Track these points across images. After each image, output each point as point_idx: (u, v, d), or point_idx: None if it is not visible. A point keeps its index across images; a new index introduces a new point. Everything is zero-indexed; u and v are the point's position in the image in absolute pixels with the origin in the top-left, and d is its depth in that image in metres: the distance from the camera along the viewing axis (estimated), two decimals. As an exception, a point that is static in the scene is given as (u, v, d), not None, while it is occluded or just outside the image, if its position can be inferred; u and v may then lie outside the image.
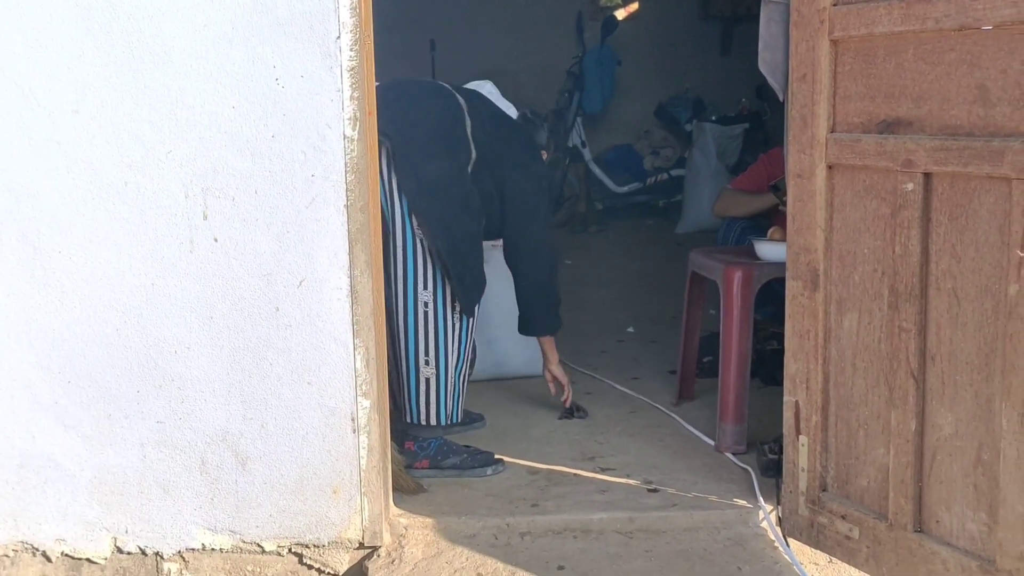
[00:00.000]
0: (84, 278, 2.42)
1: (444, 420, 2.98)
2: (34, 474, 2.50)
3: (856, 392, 2.34)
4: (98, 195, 2.40)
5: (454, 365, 2.97)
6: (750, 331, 3.11)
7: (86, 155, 2.38)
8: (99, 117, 2.37)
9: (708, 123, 7.39)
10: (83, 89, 2.36)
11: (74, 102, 2.36)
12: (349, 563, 2.58)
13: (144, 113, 2.37)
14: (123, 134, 2.37)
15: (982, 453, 2.06)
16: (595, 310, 5.03)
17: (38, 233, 2.41)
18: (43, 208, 2.40)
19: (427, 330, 2.93)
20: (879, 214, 2.24)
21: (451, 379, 2.97)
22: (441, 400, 2.97)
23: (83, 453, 2.49)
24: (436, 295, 2.91)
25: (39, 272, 2.42)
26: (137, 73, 2.35)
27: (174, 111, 2.37)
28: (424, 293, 2.91)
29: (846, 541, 2.39)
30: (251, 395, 2.48)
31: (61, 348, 2.45)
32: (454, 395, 3.00)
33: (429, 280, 2.91)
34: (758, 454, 2.95)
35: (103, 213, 2.40)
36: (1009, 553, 2.01)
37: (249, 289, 2.44)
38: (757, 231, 3.78)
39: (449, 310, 2.93)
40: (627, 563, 2.48)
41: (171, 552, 2.55)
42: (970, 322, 2.06)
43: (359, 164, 2.41)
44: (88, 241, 2.41)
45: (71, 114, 2.36)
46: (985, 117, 1.99)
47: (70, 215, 2.40)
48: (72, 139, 2.37)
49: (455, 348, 2.96)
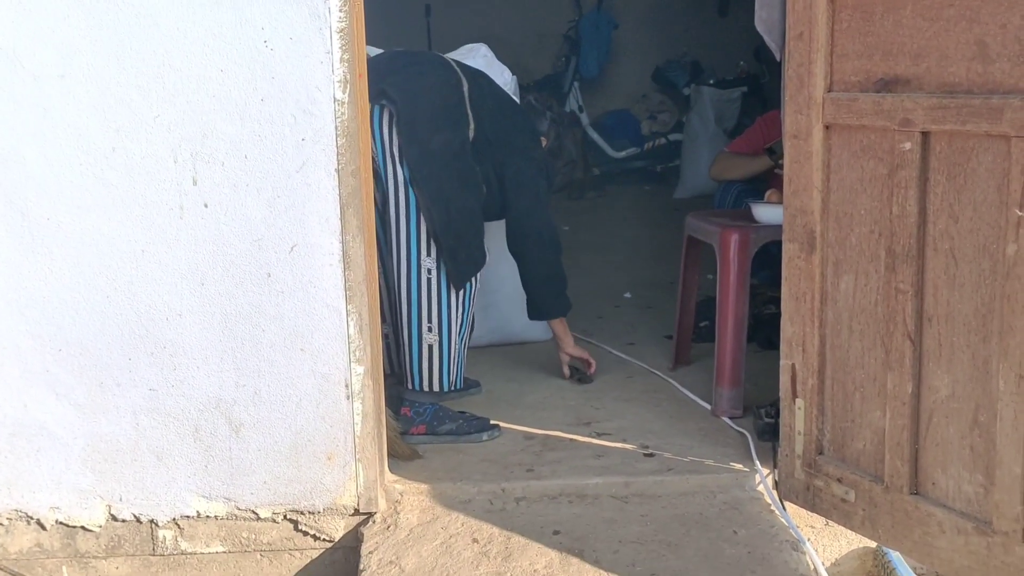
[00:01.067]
0: (73, 245, 2.40)
1: (447, 386, 2.97)
2: (27, 442, 2.49)
3: (852, 355, 2.33)
4: (86, 161, 2.37)
5: (458, 331, 2.96)
6: (746, 295, 3.09)
7: (73, 120, 2.35)
8: (85, 81, 2.33)
9: (706, 87, 7.33)
10: (69, 53, 2.32)
11: (60, 66, 2.32)
12: (345, 529, 2.58)
13: (131, 77, 2.33)
14: (110, 99, 2.34)
15: (979, 415, 2.05)
16: (592, 275, 5.01)
17: (26, 199, 2.38)
18: (30, 174, 2.37)
19: (430, 297, 2.91)
20: (876, 174, 2.21)
21: (455, 345, 2.96)
22: (445, 367, 2.96)
23: (75, 421, 2.48)
24: (439, 262, 2.90)
25: (27, 239, 2.39)
26: (123, 36, 2.32)
27: (161, 75, 2.34)
28: (427, 260, 2.89)
29: (842, 504, 2.38)
30: (244, 362, 2.47)
31: (51, 316, 2.43)
32: (457, 361, 2.99)
33: (432, 247, 2.89)
34: (754, 418, 2.94)
35: (91, 179, 2.37)
36: (1005, 515, 2.00)
37: (240, 255, 2.42)
38: (754, 194, 3.77)
39: None
40: (622, 528, 2.48)
41: (166, 519, 2.55)
42: (967, 283, 2.04)
43: (350, 127, 2.38)
44: (77, 207, 2.38)
45: (57, 78, 2.33)
46: (984, 74, 1.96)
47: (58, 181, 2.37)
48: (58, 104, 2.34)
49: (459, 314, 2.95)
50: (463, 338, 3.00)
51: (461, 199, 2.90)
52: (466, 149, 2.94)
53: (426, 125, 2.87)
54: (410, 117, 2.83)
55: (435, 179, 2.86)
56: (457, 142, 2.92)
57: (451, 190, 2.88)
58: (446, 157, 2.89)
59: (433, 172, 2.85)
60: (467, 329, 3.01)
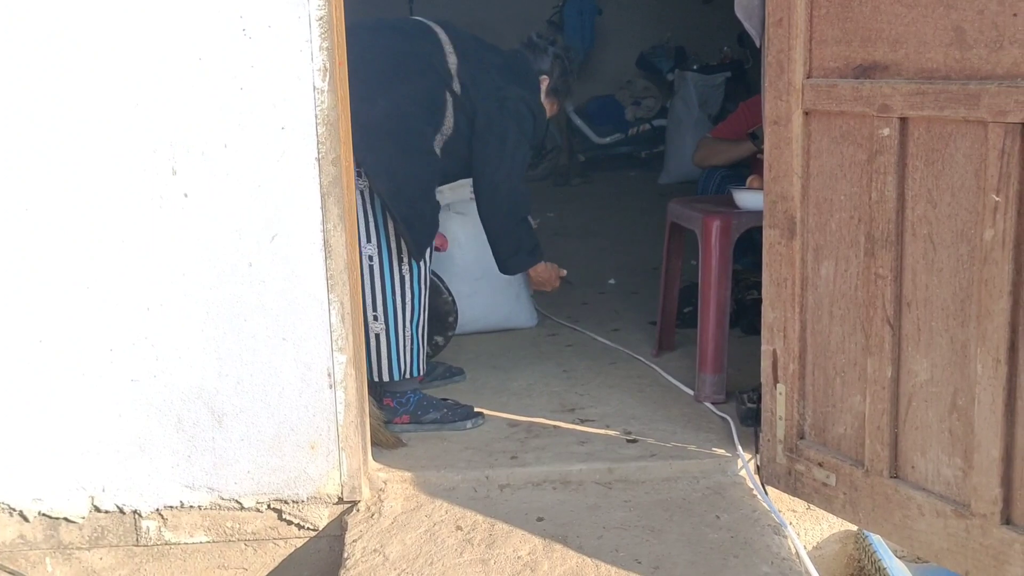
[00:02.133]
0: (52, 235, 2.39)
1: (398, 375, 2.92)
2: (7, 433, 2.48)
3: (833, 340, 2.34)
4: (62, 150, 2.35)
5: (409, 319, 2.90)
6: (729, 281, 3.10)
7: (48, 108, 2.33)
8: (61, 69, 2.31)
9: (690, 72, 7.33)
10: (43, 41, 2.30)
11: (34, 53, 2.30)
12: (329, 518, 2.58)
13: (108, 66, 2.32)
14: (87, 88, 2.32)
15: (957, 399, 2.07)
16: (577, 262, 4.98)
17: (1, 191, 2.36)
18: (6, 166, 2.35)
19: (373, 284, 2.86)
20: (855, 160, 2.22)
21: (404, 333, 2.90)
22: (394, 355, 2.90)
23: (57, 412, 2.47)
24: (380, 248, 2.84)
25: (3, 231, 2.38)
26: (100, 24, 2.30)
27: (139, 63, 2.32)
28: (367, 247, 2.83)
29: (823, 488, 2.40)
30: (226, 352, 2.46)
31: (30, 306, 2.42)
32: (411, 350, 2.92)
33: (372, 233, 2.83)
34: (737, 403, 2.95)
35: (69, 169, 2.36)
36: (983, 497, 2.02)
37: (221, 245, 2.42)
38: (737, 180, 3.77)
39: (396, 262, 2.86)
40: (606, 514, 2.49)
41: (149, 510, 2.54)
42: (946, 268, 2.05)
43: (330, 116, 2.37)
44: (55, 198, 2.37)
45: (31, 66, 2.31)
46: (961, 60, 1.96)
47: (35, 172, 2.35)
48: (34, 92, 2.32)
49: (407, 301, 2.89)
50: (417, 325, 2.92)
51: (407, 166, 2.82)
52: (409, 113, 2.83)
53: (361, 98, 2.72)
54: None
55: (372, 150, 2.76)
56: (395, 108, 2.81)
57: (393, 158, 2.79)
58: (385, 125, 2.80)
59: (371, 144, 2.75)
60: (421, 316, 2.94)
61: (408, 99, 2.86)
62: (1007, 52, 1.87)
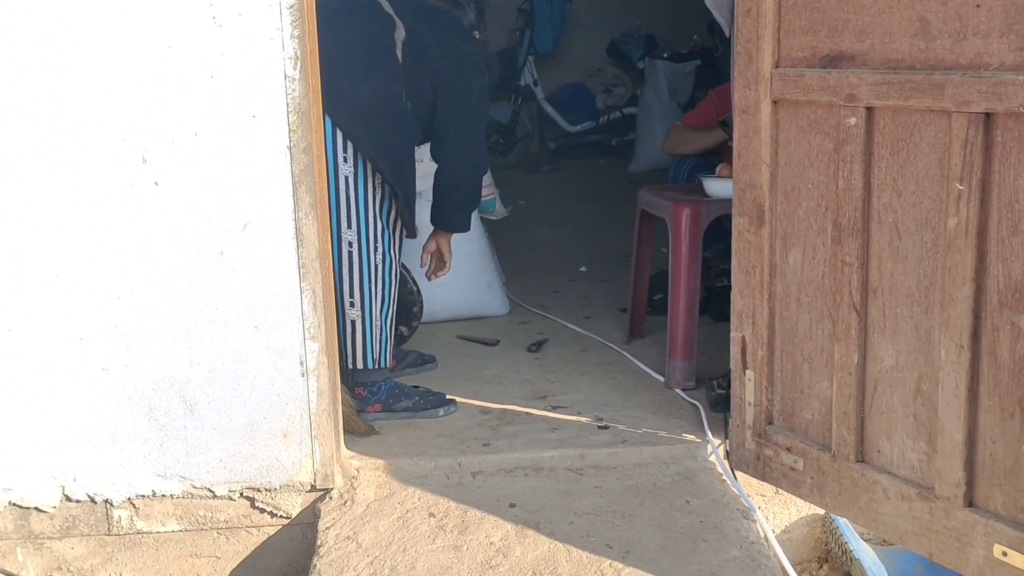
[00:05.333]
0: (22, 224, 2.37)
1: (371, 363, 2.93)
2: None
3: (801, 326, 2.37)
4: (32, 139, 2.33)
5: (380, 307, 2.92)
6: (698, 268, 3.13)
7: (17, 98, 2.31)
8: (29, 57, 2.29)
9: (660, 60, 7.35)
10: (11, 26, 2.28)
11: (2, 41, 2.29)
12: (302, 506, 2.58)
13: (77, 53, 2.30)
14: (56, 75, 2.31)
15: (921, 384, 2.10)
16: (548, 250, 5.03)
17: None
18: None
19: (351, 271, 2.86)
20: (823, 149, 2.24)
21: (377, 321, 2.91)
22: (368, 343, 2.91)
23: (27, 401, 2.46)
24: (360, 235, 2.85)
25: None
26: (69, 11, 2.28)
27: (109, 50, 2.30)
28: (348, 232, 2.84)
29: (791, 472, 2.43)
30: (197, 340, 2.46)
31: (1, 297, 2.40)
32: (381, 339, 2.94)
33: (352, 219, 2.84)
34: (707, 389, 2.98)
35: (38, 157, 2.34)
36: (947, 480, 2.06)
37: (192, 233, 2.41)
38: (707, 168, 3.80)
39: (371, 251, 2.87)
40: (578, 499, 2.51)
41: (121, 499, 2.54)
42: (910, 255, 2.08)
43: (301, 104, 2.37)
44: (23, 186, 2.35)
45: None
46: (926, 50, 1.99)
47: (4, 162, 2.34)
48: (1, 82, 2.30)
49: (378, 289, 2.91)
50: (386, 315, 2.94)
51: (399, 142, 2.85)
52: (393, 91, 2.86)
53: (349, 80, 2.77)
54: (328, 80, 2.63)
55: (372, 129, 2.79)
56: (384, 87, 2.84)
57: (390, 136, 2.83)
58: (376, 105, 2.82)
59: (369, 124, 2.78)
60: (390, 306, 2.96)
61: (390, 77, 2.88)
62: (970, 43, 1.90)
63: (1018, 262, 1.87)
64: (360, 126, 2.77)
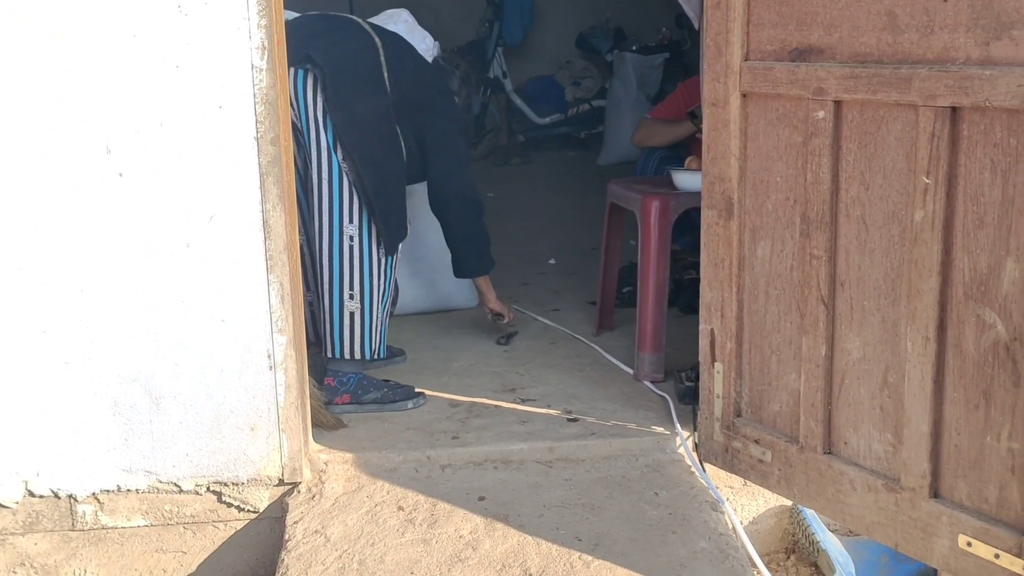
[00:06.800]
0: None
1: (368, 354, 2.96)
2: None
3: (769, 319, 2.38)
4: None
5: (379, 299, 2.95)
6: (667, 261, 3.14)
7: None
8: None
9: (629, 53, 7.36)
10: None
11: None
12: (269, 500, 2.57)
13: (38, 41, 2.26)
14: (16, 63, 2.27)
15: (888, 376, 2.12)
16: (517, 242, 5.02)
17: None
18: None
19: (352, 264, 2.89)
20: (791, 142, 2.25)
21: (376, 313, 2.95)
22: (366, 334, 2.94)
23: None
24: (362, 229, 2.89)
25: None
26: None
27: (71, 39, 2.27)
28: (350, 227, 2.87)
29: (759, 464, 2.45)
30: (163, 334, 2.43)
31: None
32: (379, 330, 2.98)
33: (355, 214, 2.87)
34: (676, 382, 2.99)
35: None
36: (913, 471, 2.07)
37: (158, 225, 2.38)
38: (675, 161, 3.80)
39: (375, 245, 2.91)
40: (547, 492, 2.51)
41: (85, 494, 2.51)
42: (878, 248, 2.10)
43: (268, 95, 2.35)
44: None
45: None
46: (894, 44, 2.00)
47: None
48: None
49: (380, 282, 2.94)
50: (384, 306, 2.99)
51: (389, 163, 2.91)
52: (390, 114, 2.94)
53: (351, 90, 2.85)
54: (336, 82, 2.81)
55: (364, 144, 2.85)
56: (382, 107, 2.91)
57: (380, 155, 2.88)
58: (372, 122, 2.88)
59: (362, 137, 2.85)
60: (388, 297, 3.01)
61: (385, 105, 2.93)
62: (937, 37, 1.92)
63: (983, 255, 1.89)
64: (355, 136, 2.83)
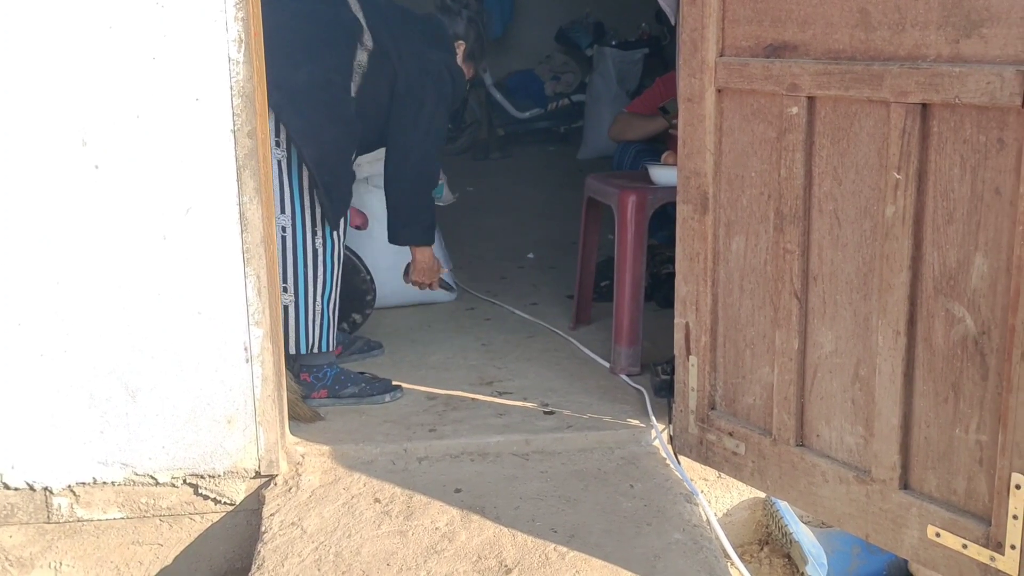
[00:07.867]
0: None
1: (304, 348, 2.90)
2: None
3: (743, 313, 2.40)
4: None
5: (321, 293, 2.88)
6: (644, 255, 3.15)
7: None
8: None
9: (608, 48, 7.37)
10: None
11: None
12: (246, 492, 2.57)
13: (13, 32, 2.25)
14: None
15: (859, 369, 2.14)
16: (496, 237, 5.04)
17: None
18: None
19: (285, 256, 2.82)
20: (766, 138, 2.27)
21: (315, 307, 2.88)
22: (302, 328, 2.88)
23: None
24: (295, 219, 2.82)
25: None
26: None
27: (47, 30, 2.26)
28: (281, 217, 2.80)
29: (733, 457, 2.47)
30: (139, 326, 2.43)
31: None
32: (321, 324, 2.91)
33: (286, 204, 2.81)
34: (651, 375, 3.01)
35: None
36: (883, 463, 2.10)
37: (134, 217, 2.37)
38: (651, 155, 3.83)
39: (310, 235, 2.84)
40: (523, 484, 2.53)
41: (60, 487, 2.50)
42: (850, 243, 2.12)
43: (245, 88, 2.34)
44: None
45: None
46: (866, 41, 2.02)
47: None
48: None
49: (319, 275, 2.87)
50: (328, 300, 2.91)
51: (330, 132, 2.80)
52: (333, 81, 2.83)
53: (287, 65, 2.73)
54: (268, 62, 2.60)
55: (301, 115, 2.75)
56: (321, 74, 2.80)
57: (319, 124, 2.78)
58: (311, 91, 2.78)
59: (299, 108, 2.74)
60: (333, 290, 2.92)
61: (332, 67, 2.84)
62: (909, 34, 1.94)
63: (952, 250, 1.92)
64: (289, 110, 2.71)
